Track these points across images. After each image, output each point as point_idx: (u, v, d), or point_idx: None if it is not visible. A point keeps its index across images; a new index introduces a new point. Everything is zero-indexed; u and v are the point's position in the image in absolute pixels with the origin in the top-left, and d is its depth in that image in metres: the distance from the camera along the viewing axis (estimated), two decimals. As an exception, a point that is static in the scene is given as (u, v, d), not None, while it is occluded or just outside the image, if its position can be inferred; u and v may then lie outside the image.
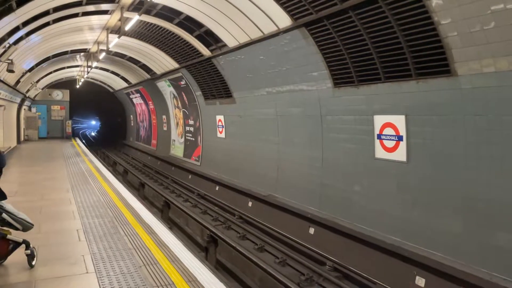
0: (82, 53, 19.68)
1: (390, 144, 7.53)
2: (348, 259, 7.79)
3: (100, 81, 31.74)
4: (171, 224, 12.33)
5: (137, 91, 26.21)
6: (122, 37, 13.85)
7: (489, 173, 5.82)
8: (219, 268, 8.95)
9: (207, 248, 9.54)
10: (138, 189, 17.33)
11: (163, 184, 17.61)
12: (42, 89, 28.58)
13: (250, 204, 12.09)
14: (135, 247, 5.37)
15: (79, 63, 23.02)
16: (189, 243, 10.43)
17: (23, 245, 4.57)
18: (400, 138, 7.30)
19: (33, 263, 4.56)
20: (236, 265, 8.62)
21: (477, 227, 5.99)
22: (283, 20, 8.65)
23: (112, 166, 23.65)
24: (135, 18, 9.79)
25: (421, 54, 6.45)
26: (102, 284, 4.14)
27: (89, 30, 14.35)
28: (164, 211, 13.17)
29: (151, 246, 5.45)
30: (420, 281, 6.51)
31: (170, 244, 5.58)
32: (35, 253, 4.62)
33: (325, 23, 7.74)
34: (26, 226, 4.58)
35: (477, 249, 5.95)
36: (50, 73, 24.14)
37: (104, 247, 5.30)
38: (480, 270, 5.76)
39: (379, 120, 7.73)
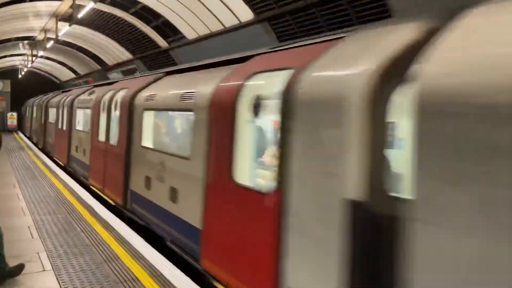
0: (26, 41, 18.52)
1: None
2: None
3: (45, 72, 30.10)
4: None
5: (86, 83, 25.07)
6: (73, 26, 13.17)
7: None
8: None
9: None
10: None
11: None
12: (-20, 78, 26.64)
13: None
14: (94, 243, 5.14)
15: (23, 51, 21.63)
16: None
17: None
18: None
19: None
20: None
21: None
22: (245, 13, 8.62)
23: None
24: (89, 5, 9.32)
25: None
26: (62, 282, 3.93)
27: (35, 16, 13.50)
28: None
29: (110, 242, 5.25)
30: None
31: (131, 239, 5.40)
32: None
33: (288, 18, 7.81)
34: None
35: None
36: (-10, 61, 22.55)
37: (61, 244, 5.03)
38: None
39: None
